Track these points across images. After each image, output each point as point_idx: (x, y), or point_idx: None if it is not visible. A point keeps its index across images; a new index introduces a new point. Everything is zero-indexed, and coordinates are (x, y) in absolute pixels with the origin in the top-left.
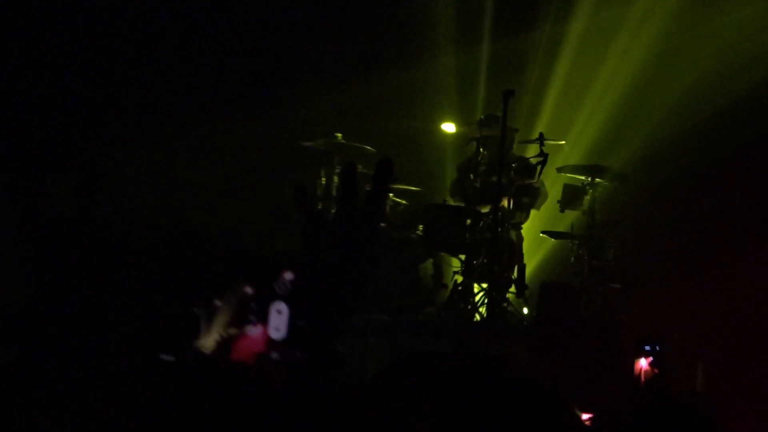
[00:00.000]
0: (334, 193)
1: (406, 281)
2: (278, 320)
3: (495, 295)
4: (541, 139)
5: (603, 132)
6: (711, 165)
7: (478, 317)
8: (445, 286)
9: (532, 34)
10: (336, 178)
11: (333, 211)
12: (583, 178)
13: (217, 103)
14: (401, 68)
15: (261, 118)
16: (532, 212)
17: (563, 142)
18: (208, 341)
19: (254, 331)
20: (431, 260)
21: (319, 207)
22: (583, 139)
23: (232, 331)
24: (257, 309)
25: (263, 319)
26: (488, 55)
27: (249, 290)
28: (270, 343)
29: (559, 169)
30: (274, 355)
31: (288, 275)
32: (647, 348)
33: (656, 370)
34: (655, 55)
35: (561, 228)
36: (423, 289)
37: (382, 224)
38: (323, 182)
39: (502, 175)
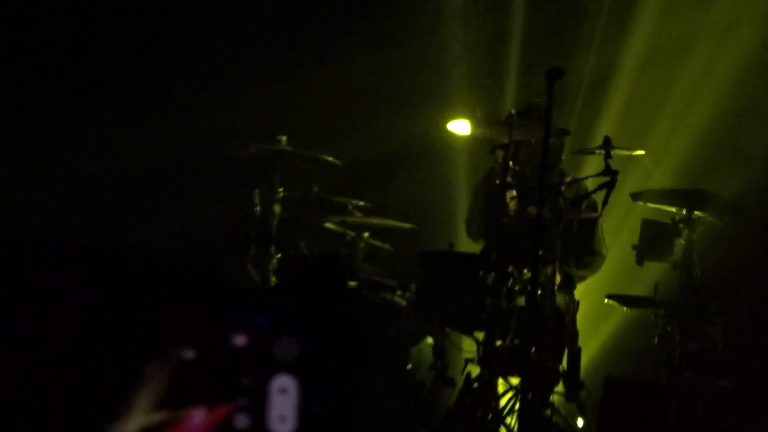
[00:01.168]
0: (274, 233)
1: (390, 373)
2: (283, 404)
3: (532, 397)
4: (606, 147)
5: (704, 140)
6: None
7: None
8: (453, 382)
9: None
10: (277, 207)
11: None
12: (674, 210)
13: (105, 93)
14: (387, 39)
15: (164, 116)
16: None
17: (642, 152)
18: (128, 427)
19: (195, 415)
20: (430, 340)
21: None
22: (673, 151)
23: (162, 415)
24: (250, 385)
25: (260, 401)
26: (523, 21)
27: (190, 353)
28: None
29: (635, 196)
30: None
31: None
32: None
33: None
34: None
35: (638, 290)
36: (417, 387)
37: (352, 283)
38: (257, 210)
39: (545, 204)
